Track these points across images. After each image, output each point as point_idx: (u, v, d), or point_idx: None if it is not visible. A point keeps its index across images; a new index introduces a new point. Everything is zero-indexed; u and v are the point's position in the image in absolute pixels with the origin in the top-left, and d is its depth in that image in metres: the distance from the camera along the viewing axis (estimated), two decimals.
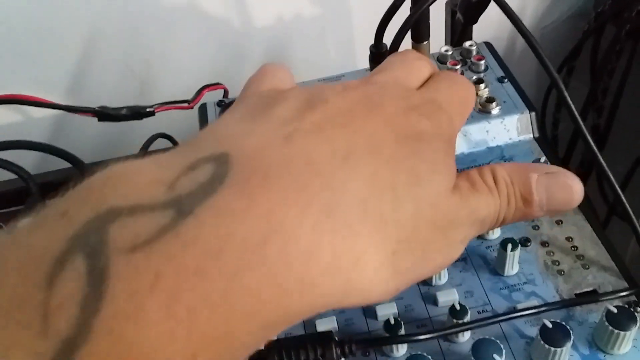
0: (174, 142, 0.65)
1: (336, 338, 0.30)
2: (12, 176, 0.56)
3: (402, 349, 0.35)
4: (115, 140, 0.70)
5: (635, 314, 0.33)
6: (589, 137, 0.39)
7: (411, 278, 0.24)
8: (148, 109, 0.40)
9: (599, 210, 0.71)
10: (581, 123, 0.39)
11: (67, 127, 0.71)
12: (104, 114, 0.39)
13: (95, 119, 0.41)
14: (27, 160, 0.58)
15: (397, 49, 0.40)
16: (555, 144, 0.80)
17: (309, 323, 0.36)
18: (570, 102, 0.40)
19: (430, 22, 0.48)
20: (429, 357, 0.32)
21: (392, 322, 0.33)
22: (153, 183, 0.19)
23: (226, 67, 0.74)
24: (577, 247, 0.38)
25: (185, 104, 0.45)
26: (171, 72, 0.75)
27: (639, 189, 0.70)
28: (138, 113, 0.40)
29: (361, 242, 0.21)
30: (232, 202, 0.19)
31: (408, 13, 0.43)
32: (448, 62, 0.49)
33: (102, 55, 0.69)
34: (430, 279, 0.38)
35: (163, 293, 0.17)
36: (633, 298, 0.35)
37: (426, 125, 0.25)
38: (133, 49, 0.71)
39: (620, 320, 0.32)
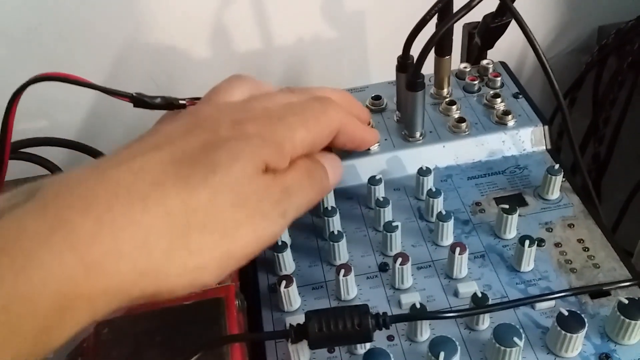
0: None
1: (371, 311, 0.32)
2: (42, 171, 0.58)
3: (425, 334, 0.37)
4: None
5: None
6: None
7: (218, 256, 0.28)
8: (181, 101, 0.42)
9: None
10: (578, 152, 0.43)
11: (95, 126, 0.74)
12: (139, 100, 0.42)
13: (124, 116, 0.43)
14: (58, 157, 0.60)
15: (423, 61, 0.43)
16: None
17: None
18: (570, 127, 0.44)
19: None
20: (453, 338, 0.34)
21: (418, 306, 0.36)
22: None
23: None
24: (588, 248, 0.41)
25: None
26: (191, 86, 0.78)
27: (638, 214, 0.73)
28: (171, 103, 0.42)
29: (143, 230, 0.26)
30: (29, 211, 0.25)
31: (432, 30, 0.46)
32: (467, 78, 0.52)
33: (130, 65, 0.72)
34: (451, 272, 0.40)
35: None
36: (637, 289, 0.38)
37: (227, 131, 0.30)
38: (158, 63, 0.75)
39: (631, 311, 0.35)
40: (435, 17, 0.45)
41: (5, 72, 0.65)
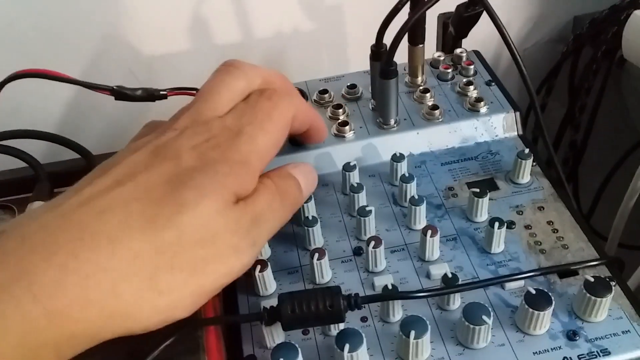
0: None
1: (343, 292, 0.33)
2: (21, 164, 0.58)
3: (397, 314, 0.37)
4: (122, 134, 0.73)
5: (611, 284, 0.36)
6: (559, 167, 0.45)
7: (189, 293, 0.28)
8: (161, 92, 0.43)
9: None
10: (551, 148, 0.44)
11: (76, 120, 0.74)
12: (120, 93, 0.42)
13: (106, 109, 0.44)
14: (37, 150, 0.60)
15: (395, 49, 0.44)
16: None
17: None
18: (543, 122, 0.45)
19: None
20: (424, 318, 0.35)
21: (390, 287, 0.36)
22: None
23: None
24: (557, 230, 0.42)
25: (194, 92, 0.48)
26: (171, 78, 0.78)
27: (612, 201, 0.74)
28: (152, 95, 0.43)
29: (111, 276, 0.26)
30: None
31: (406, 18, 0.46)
32: (440, 66, 0.53)
33: (109, 57, 0.72)
34: (424, 255, 0.41)
35: None
36: (604, 269, 0.39)
37: (198, 160, 0.30)
38: (137, 54, 0.75)
39: (597, 288, 0.36)
40: (408, 6, 0.46)
41: None
